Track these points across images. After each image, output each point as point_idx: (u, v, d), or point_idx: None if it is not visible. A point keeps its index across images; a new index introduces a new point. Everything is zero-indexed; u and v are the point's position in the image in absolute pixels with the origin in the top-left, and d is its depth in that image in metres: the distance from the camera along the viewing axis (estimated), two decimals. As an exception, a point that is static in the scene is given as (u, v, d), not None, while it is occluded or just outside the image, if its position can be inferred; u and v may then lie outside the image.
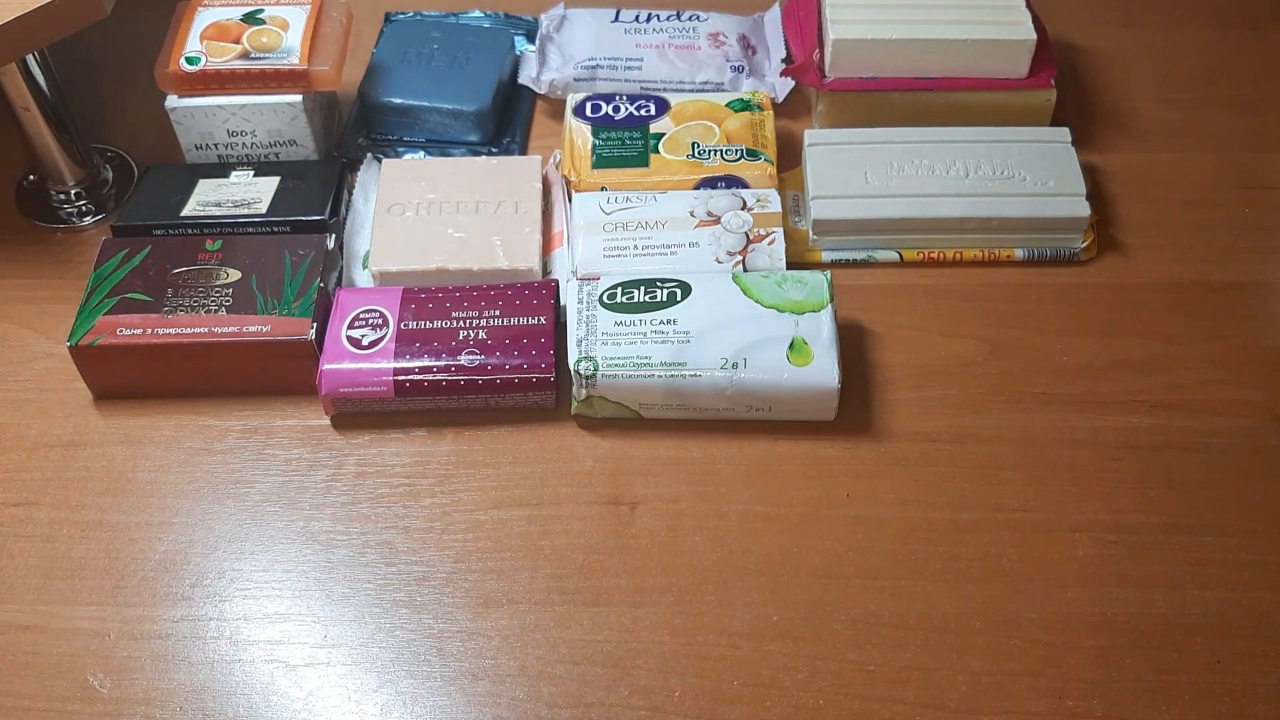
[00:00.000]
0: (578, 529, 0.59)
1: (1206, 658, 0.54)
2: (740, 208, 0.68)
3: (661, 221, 0.68)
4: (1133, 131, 0.78)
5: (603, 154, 0.72)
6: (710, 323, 0.62)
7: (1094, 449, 0.61)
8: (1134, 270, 0.70)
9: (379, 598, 0.57)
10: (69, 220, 0.74)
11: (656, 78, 0.79)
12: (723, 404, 0.61)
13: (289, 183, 0.72)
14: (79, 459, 0.62)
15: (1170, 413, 0.63)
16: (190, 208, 0.70)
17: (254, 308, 0.63)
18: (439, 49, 0.79)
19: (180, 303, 0.64)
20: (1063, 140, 0.72)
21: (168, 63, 0.72)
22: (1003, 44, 0.73)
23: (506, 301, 0.64)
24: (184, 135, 0.74)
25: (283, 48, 0.73)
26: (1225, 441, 0.61)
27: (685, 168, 0.72)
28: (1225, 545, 0.58)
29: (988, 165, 0.70)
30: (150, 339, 0.62)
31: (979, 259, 0.70)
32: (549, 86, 0.79)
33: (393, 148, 0.77)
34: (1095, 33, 0.84)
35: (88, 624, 0.56)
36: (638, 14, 0.82)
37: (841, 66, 0.74)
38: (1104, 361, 0.65)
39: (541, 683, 0.54)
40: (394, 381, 0.61)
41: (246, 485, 0.61)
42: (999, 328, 0.67)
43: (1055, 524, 0.58)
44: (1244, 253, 0.71)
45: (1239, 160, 0.76)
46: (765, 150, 0.72)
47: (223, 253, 0.66)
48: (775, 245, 0.67)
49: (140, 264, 0.66)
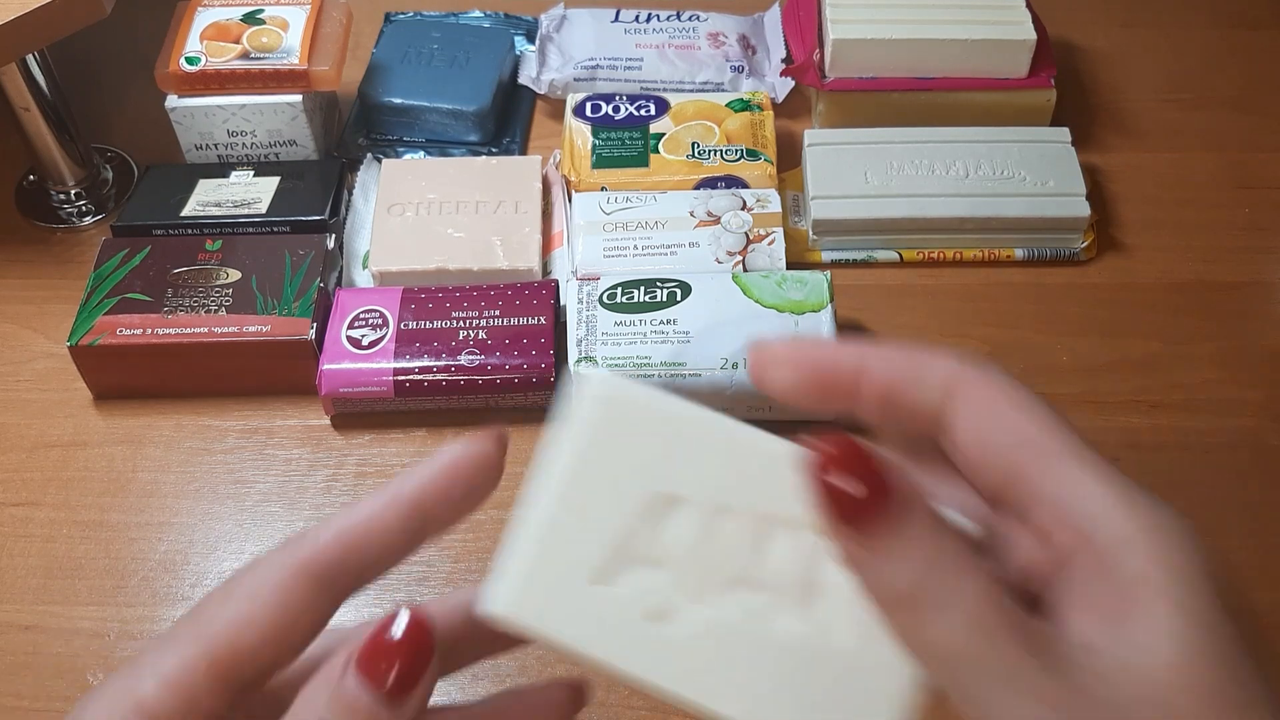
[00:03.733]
0: (578, 529, 0.58)
1: (1206, 658, 0.54)
2: (740, 208, 0.68)
3: (661, 221, 0.68)
4: (1133, 131, 0.78)
5: (602, 154, 0.72)
6: (710, 323, 0.62)
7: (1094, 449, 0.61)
8: (1134, 270, 0.70)
9: (379, 598, 0.56)
10: (69, 220, 0.74)
11: (656, 78, 0.79)
12: (723, 404, 0.61)
13: (289, 183, 0.71)
14: (79, 459, 0.62)
15: (1170, 413, 0.63)
16: (190, 208, 0.70)
17: (254, 308, 0.63)
18: (439, 49, 0.79)
19: (180, 303, 0.64)
20: (1062, 140, 0.72)
21: (168, 63, 0.72)
22: (1003, 44, 0.73)
23: (506, 301, 0.64)
24: (184, 135, 0.74)
25: (283, 48, 0.73)
26: (1225, 441, 0.61)
27: (685, 168, 0.71)
28: (1226, 546, 0.57)
29: (988, 165, 0.70)
30: (150, 339, 0.62)
31: (979, 259, 0.70)
32: (549, 86, 0.79)
33: (393, 148, 0.77)
34: (1095, 32, 0.84)
35: (88, 624, 0.56)
36: (637, 14, 0.82)
37: (841, 66, 0.74)
38: (1104, 361, 0.65)
39: (541, 683, 0.54)
40: (394, 381, 0.61)
41: (246, 485, 0.61)
42: (999, 328, 0.67)
43: (1055, 524, 0.58)
44: (1244, 252, 0.71)
45: (1239, 160, 0.76)
46: (765, 150, 0.72)
47: (223, 253, 0.66)
48: (775, 245, 0.67)
49: (140, 264, 0.66)
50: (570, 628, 0.27)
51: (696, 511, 0.27)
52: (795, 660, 0.26)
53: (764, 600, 0.27)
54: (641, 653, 0.27)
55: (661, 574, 0.27)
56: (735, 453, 0.28)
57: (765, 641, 0.27)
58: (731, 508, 0.27)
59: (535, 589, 0.28)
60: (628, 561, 0.27)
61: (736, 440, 0.28)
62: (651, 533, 0.27)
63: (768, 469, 0.27)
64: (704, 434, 0.28)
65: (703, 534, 0.27)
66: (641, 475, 0.28)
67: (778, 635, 0.27)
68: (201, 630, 0.28)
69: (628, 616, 0.27)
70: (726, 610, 0.27)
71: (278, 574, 0.29)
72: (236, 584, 0.29)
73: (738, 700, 0.26)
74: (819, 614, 0.27)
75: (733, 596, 0.27)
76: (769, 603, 0.27)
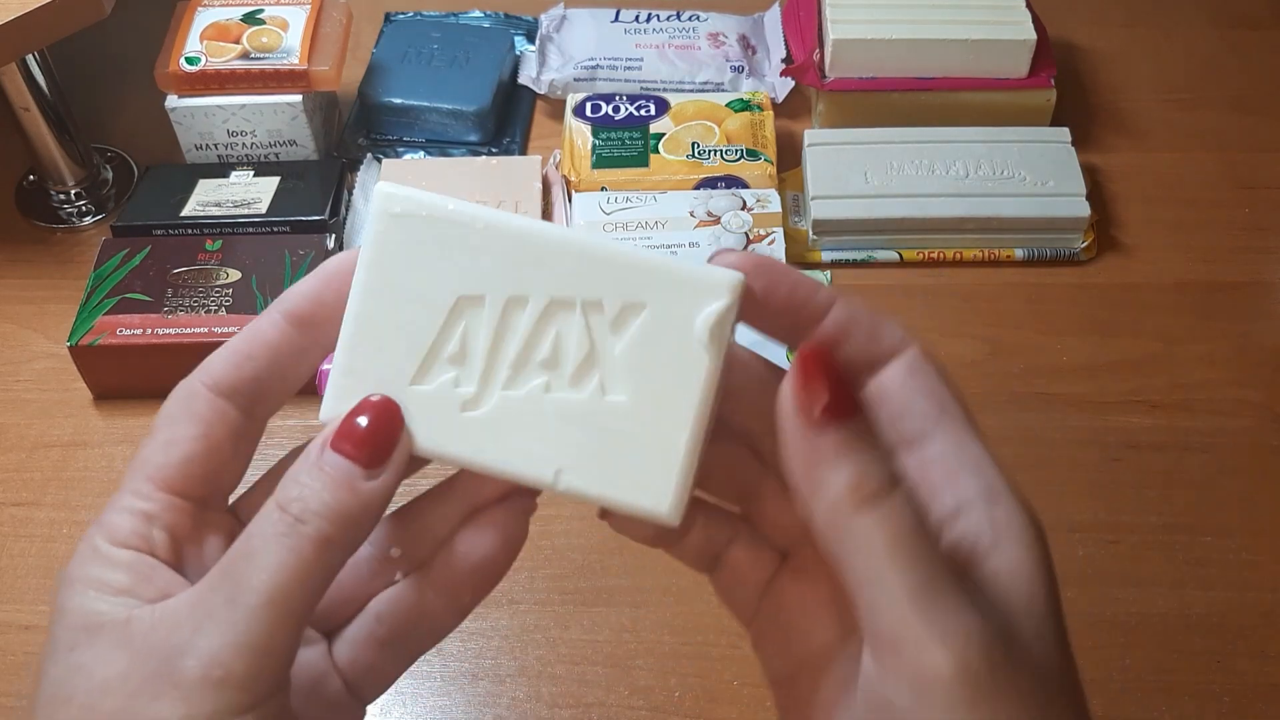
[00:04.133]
0: (578, 529, 0.58)
1: (1207, 658, 0.54)
2: (740, 208, 0.68)
3: (661, 221, 0.68)
4: (1133, 131, 0.78)
5: (602, 154, 0.72)
6: (710, 323, 0.62)
7: (1094, 449, 0.61)
8: (1134, 270, 0.70)
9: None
10: (69, 220, 0.74)
11: (656, 78, 0.79)
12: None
13: (289, 183, 0.71)
14: (79, 459, 0.62)
15: (1170, 413, 0.63)
16: (190, 208, 0.70)
17: (254, 308, 0.63)
18: (439, 49, 0.79)
19: (180, 303, 0.64)
20: (1062, 140, 0.72)
21: (168, 63, 0.72)
22: (1003, 44, 0.73)
23: (506, 301, 0.64)
24: (184, 135, 0.74)
25: (283, 48, 0.73)
26: (1226, 441, 0.61)
27: (685, 168, 0.71)
28: (1226, 545, 0.57)
29: (987, 165, 0.70)
30: (150, 339, 0.62)
31: (979, 259, 0.70)
32: (549, 86, 0.79)
33: (393, 148, 0.77)
34: (1095, 32, 0.84)
35: (88, 624, 0.56)
36: (637, 14, 0.82)
37: (841, 66, 0.74)
38: (1104, 361, 0.65)
39: (541, 683, 0.54)
40: (394, 381, 0.61)
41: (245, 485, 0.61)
42: (999, 328, 0.67)
43: (1054, 524, 0.57)
44: (1244, 252, 0.71)
45: (1239, 160, 0.76)
46: (765, 150, 0.72)
47: (223, 253, 0.66)
48: (775, 245, 0.67)
49: (140, 264, 0.66)
50: None
51: (491, 306, 0.31)
52: (581, 422, 0.31)
53: (553, 376, 0.31)
54: (457, 437, 0.31)
55: (467, 367, 0.31)
56: (518, 245, 0.31)
57: (555, 411, 0.31)
58: (520, 297, 0.31)
59: (365, 395, 0.31)
60: (438, 361, 0.31)
61: (519, 233, 0.31)
62: (455, 331, 0.31)
63: (548, 255, 0.31)
64: (489, 232, 0.31)
65: (499, 325, 0.31)
66: (439, 281, 0.31)
67: (563, 404, 0.31)
68: (136, 468, 0.32)
69: (445, 408, 0.31)
70: (522, 390, 0.31)
71: (182, 399, 0.32)
72: (155, 422, 0.32)
73: (536, 464, 0.31)
74: (597, 381, 0.31)
75: (528, 377, 0.31)
76: (557, 377, 0.31)
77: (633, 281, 0.30)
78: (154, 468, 0.31)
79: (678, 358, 0.30)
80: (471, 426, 0.31)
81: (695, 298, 0.30)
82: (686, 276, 0.30)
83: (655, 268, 0.30)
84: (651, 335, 0.30)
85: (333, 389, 0.31)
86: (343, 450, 0.30)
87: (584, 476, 0.31)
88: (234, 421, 0.32)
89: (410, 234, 0.31)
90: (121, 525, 0.31)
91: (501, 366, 0.31)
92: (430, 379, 0.31)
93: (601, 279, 0.30)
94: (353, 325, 0.31)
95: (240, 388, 0.32)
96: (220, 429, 0.32)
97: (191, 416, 0.32)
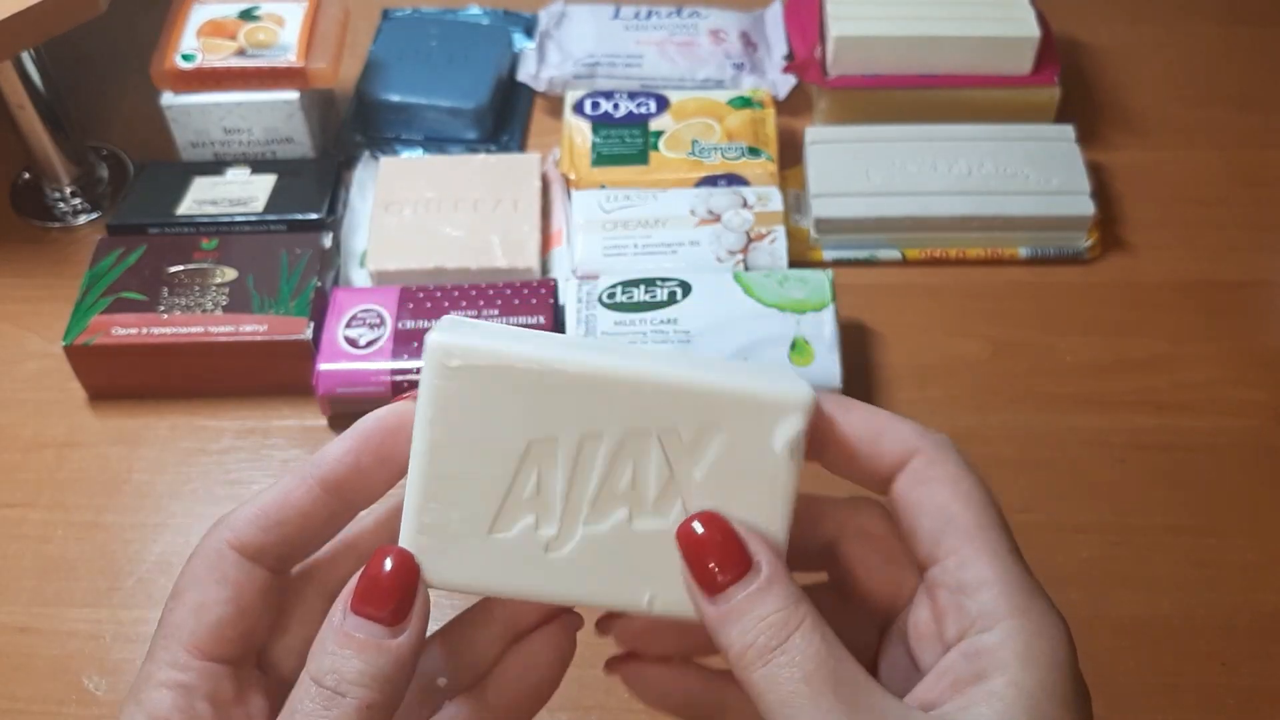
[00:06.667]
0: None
1: (1212, 660, 0.53)
2: (741, 206, 0.68)
3: (662, 220, 0.67)
4: (1138, 129, 0.78)
5: (602, 151, 0.72)
6: (711, 322, 0.61)
7: (1098, 449, 0.61)
8: (1139, 269, 0.69)
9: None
10: (64, 219, 0.74)
11: (656, 75, 0.78)
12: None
13: (285, 181, 0.71)
14: (73, 459, 0.62)
15: (1176, 413, 0.62)
16: (186, 206, 0.70)
17: (250, 307, 0.63)
18: (437, 46, 0.79)
19: (176, 302, 0.63)
20: (1067, 138, 0.71)
21: (163, 60, 0.72)
22: (1006, 41, 0.73)
23: (505, 301, 0.63)
24: (180, 133, 0.73)
25: (279, 44, 0.72)
26: (1232, 442, 0.61)
27: (685, 165, 0.71)
28: (1232, 546, 0.57)
29: (991, 163, 0.70)
30: (145, 338, 0.62)
31: (982, 257, 0.69)
32: (548, 83, 0.79)
33: (390, 145, 0.76)
34: (1100, 29, 0.84)
35: (83, 626, 0.56)
36: (637, 10, 0.82)
37: (843, 63, 0.74)
38: (1109, 361, 0.65)
39: (540, 686, 0.53)
40: (391, 381, 0.61)
41: (243, 486, 0.61)
42: (1002, 327, 0.66)
43: (1059, 525, 0.58)
44: (1251, 251, 0.70)
45: (1245, 158, 0.75)
46: (766, 148, 0.71)
47: (219, 251, 0.66)
48: (776, 244, 0.66)
49: (135, 263, 0.65)
50: (485, 577, 0.31)
51: (564, 445, 0.31)
52: (671, 546, 0.31)
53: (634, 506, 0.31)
54: (545, 578, 0.31)
55: (546, 509, 0.31)
56: (585, 385, 0.31)
57: (641, 539, 0.31)
58: (593, 433, 0.31)
59: (445, 552, 0.31)
60: (515, 507, 0.31)
61: (585, 373, 0.31)
62: (530, 476, 0.31)
63: (617, 392, 0.31)
64: (554, 376, 0.31)
65: (575, 463, 0.31)
66: (507, 429, 0.31)
67: (649, 531, 0.31)
68: (168, 633, 0.31)
69: (529, 552, 0.31)
70: (606, 524, 0.31)
71: (210, 560, 0.32)
72: (180, 582, 0.32)
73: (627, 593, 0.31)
74: (680, 505, 0.31)
75: (610, 510, 0.31)
76: (640, 506, 0.31)
77: (706, 406, 0.31)
78: (188, 634, 0.31)
79: (759, 475, 0.31)
80: (558, 566, 0.31)
81: (771, 415, 0.31)
82: (760, 397, 0.31)
83: (727, 391, 0.31)
84: (731, 456, 0.31)
85: (423, 549, 0.31)
86: (364, 613, 0.30)
87: (680, 598, 0.31)
88: (262, 581, 0.32)
89: (470, 385, 0.31)
90: (162, 701, 0.31)
91: (582, 503, 0.31)
92: (510, 526, 0.31)
93: (674, 408, 0.31)
94: (420, 485, 0.31)
95: (268, 550, 0.32)
96: (250, 591, 0.32)
97: (221, 580, 0.32)
